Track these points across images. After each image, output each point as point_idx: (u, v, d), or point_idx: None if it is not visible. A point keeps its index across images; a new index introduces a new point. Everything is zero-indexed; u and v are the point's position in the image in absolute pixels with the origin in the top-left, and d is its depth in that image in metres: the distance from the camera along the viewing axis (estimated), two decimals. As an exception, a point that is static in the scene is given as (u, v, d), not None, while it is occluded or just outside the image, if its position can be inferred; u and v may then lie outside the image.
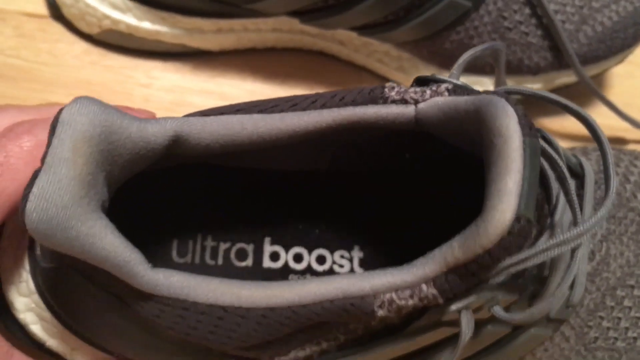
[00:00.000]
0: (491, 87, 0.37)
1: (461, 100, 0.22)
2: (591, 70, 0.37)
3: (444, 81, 0.23)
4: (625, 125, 0.39)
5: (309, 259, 0.29)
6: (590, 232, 0.21)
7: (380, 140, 0.27)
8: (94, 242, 0.19)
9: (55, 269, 0.23)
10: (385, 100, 0.23)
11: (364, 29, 0.35)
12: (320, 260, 0.29)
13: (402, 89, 0.23)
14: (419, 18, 0.33)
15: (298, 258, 0.29)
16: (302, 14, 0.34)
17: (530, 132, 0.19)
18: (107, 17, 0.35)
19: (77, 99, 0.20)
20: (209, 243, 0.29)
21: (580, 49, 0.35)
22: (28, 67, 0.36)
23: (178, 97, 0.37)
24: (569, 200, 0.23)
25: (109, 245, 0.20)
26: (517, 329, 0.25)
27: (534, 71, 0.36)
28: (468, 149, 0.23)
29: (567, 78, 0.37)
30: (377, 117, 0.23)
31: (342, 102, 0.23)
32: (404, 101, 0.23)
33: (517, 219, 0.18)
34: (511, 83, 0.37)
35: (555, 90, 0.38)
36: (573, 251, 0.22)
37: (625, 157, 0.31)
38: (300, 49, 0.39)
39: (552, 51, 0.35)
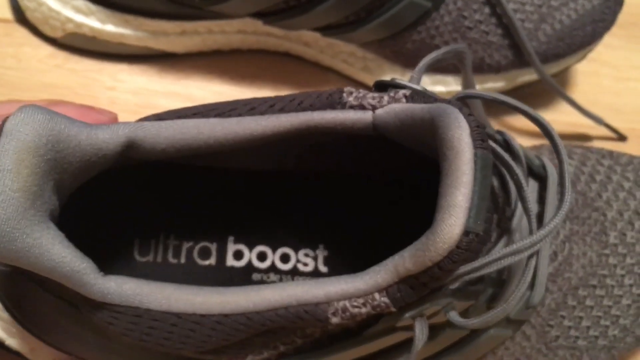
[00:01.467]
0: (456, 87, 0.37)
1: (417, 108, 0.22)
2: (552, 68, 0.37)
3: (403, 87, 0.24)
4: (588, 122, 0.39)
5: (273, 257, 0.30)
6: (544, 240, 0.21)
7: (344, 142, 0.27)
8: (41, 253, 0.19)
9: (11, 272, 0.23)
10: (343, 106, 0.23)
11: (326, 30, 0.35)
12: (284, 258, 0.30)
13: (361, 94, 0.23)
14: (380, 18, 0.34)
15: (262, 257, 0.29)
16: (264, 16, 0.34)
17: (482, 144, 0.19)
18: (70, 20, 0.35)
19: (22, 108, 0.19)
20: (172, 242, 0.29)
21: (539, 47, 0.36)
22: (-7, 71, 0.37)
23: (144, 100, 0.37)
24: (525, 208, 0.23)
25: (57, 255, 0.20)
26: (476, 330, 0.25)
27: (496, 69, 0.37)
28: (427, 154, 0.23)
29: (529, 76, 0.38)
30: (335, 122, 0.23)
31: (300, 107, 0.23)
32: (361, 107, 0.23)
33: (466, 233, 0.19)
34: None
35: (518, 89, 0.39)
36: (529, 258, 0.23)
37: (593, 155, 0.32)
38: (266, 50, 0.40)
39: (512, 49, 0.36)
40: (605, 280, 0.28)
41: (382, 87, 0.24)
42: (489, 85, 0.38)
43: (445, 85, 0.38)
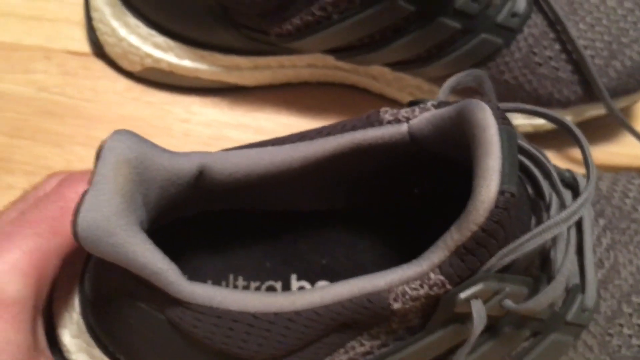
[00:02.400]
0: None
1: (445, 109, 0.24)
2: (621, 103, 0.37)
3: (430, 100, 0.26)
4: (654, 155, 0.39)
5: None
6: (579, 213, 0.23)
7: (388, 174, 0.29)
8: (135, 250, 0.21)
9: (100, 299, 0.25)
10: (381, 123, 0.26)
11: (397, 65, 0.36)
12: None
13: (395, 111, 0.26)
14: (451, 55, 0.34)
15: None
16: (337, 52, 0.35)
17: (504, 121, 0.22)
18: (149, 55, 0.37)
19: (117, 131, 0.23)
20: (241, 282, 0.30)
21: (609, 83, 0.36)
22: (72, 104, 0.38)
23: (216, 132, 0.38)
24: (556, 192, 0.26)
25: (148, 253, 0.22)
26: (537, 335, 0.26)
27: (564, 104, 0.37)
28: (457, 156, 0.25)
29: (596, 111, 0.38)
30: (376, 137, 0.25)
31: (344, 129, 0.26)
32: (397, 120, 0.26)
33: (502, 192, 0.21)
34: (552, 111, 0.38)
35: (584, 122, 0.39)
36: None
37: (622, 177, 0.33)
38: (333, 83, 0.40)
39: (582, 85, 0.36)
40: None
41: (414, 104, 0.27)
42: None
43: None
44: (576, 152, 0.41)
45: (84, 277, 0.27)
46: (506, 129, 0.22)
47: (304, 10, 0.32)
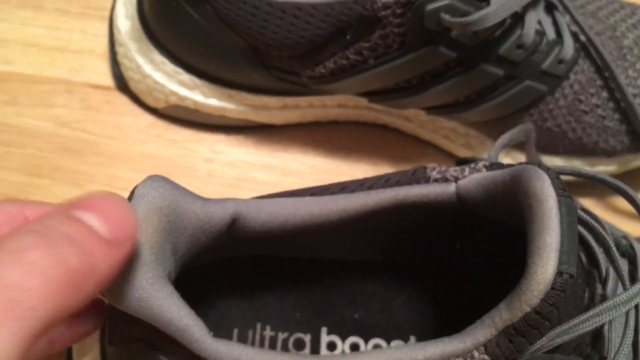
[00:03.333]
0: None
1: (497, 173, 0.23)
2: (669, 154, 0.35)
3: (481, 160, 0.25)
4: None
5: (366, 348, 0.29)
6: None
7: (429, 228, 0.28)
8: (160, 304, 0.20)
9: (122, 349, 0.24)
10: (427, 180, 0.25)
11: (433, 109, 0.34)
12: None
13: (443, 169, 0.25)
14: (492, 101, 0.33)
15: (355, 348, 0.29)
16: (371, 95, 0.34)
17: (564, 193, 0.20)
18: (174, 93, 0.35)
19: (150, 177, 0.22)
20: (268, 333, 0.29)
21: (659, 133, 0.34)
22: (94, 140, 0.36)
23: (241, 173, 0.37)
24: (615, 268, 0.24)
25: (174, 309, 0.21)
26: None
27: (609, 154, 0.35)
28: (507, 221, 0.24)
29: (643, 160, 0.36)
30: (420, 195, 0.24)
31: (387, 184, 0.25)
32: (445, 179, 0.24)
33: (559, 273, 0.19)
34: (584, 164, 0.36)
35: (629, 172, 0.37)
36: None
37: None
38: (364, 123, 0.39)
39: (629, 135, 0.34)
40: None
41: (462, 163, 0.26)
42: (600, 169, 0.36)
43: (514, 161, 0.36)
44: (618, 201, 0.38)
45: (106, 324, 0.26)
46: (566, 202, 0.20)
47: (338, 53, 0.31)
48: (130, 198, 0.21)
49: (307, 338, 0.29)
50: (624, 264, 0.26)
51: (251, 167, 0.37)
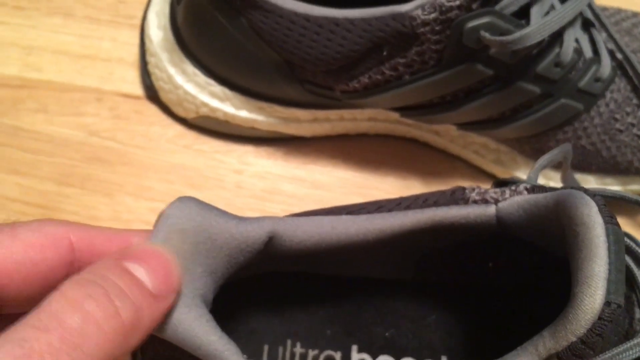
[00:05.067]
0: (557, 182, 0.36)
1: (540, 196, 0.22)
2: None
3: (522, 182, 0.24)
4: None
5: None
6: None
7: (463, 248, 0.27)
8: (187, 328, 0.20)
9: None
10: (466, 201, 0.24)
11: (465, 125, 0.34)
12: (408, 369, 0.29)
13: (483, 190, 0.24)
14: (527, 119, 0.32)
15: None
16: (404, 110, 0.33)
17: (612, 220, 0.20)
18: (205, 105, 0.35)
19: (179, 198, 0.22)
20: (298, 350, 0.29)
21: (695, 153, 0.33)
22: (123, 150, 0.36)
23: (270, 185, 0.37)
24: None
25: (203, 333, 0.20)
26: None
27: (644, 173, 0.34)
28: (548, 246, 0.24)
29: (677, 180, 0.35)
30: (459, 217, 0.24)
31: (425, 204, 0.25)
32: (484, 201, 0.24)
33: (607, 303, 0.19)
34: (616, 182, 0.35)
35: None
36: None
37: None
38: (393, 136, 0.38)
39: (664, 154, 0.34)
40: None
41: (501, 184, 0.25)
42: (633, 187, 0.35)
43: (547, 179, 0.36)
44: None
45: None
46: (613, 230, 0.20)
47: (374, 69, 0.30)
48: (158, 219, 0.21)
49: (338, 356, 0.29)
50: None
51: (280, 180, 0.37)
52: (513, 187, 0.24)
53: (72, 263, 0.20)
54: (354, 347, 0.29)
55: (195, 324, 0.20)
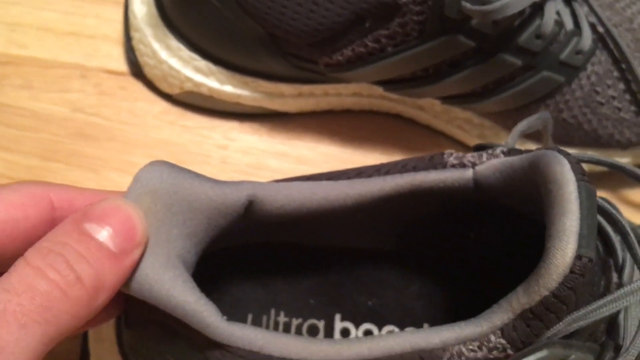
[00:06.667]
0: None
1: (516, 158, 0.23)
2: (685, 146, 0.35)
3: (499, 146, 0.25)
4: None
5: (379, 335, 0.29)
6: None
7: (444, 218, 0.27)
8: (163, 287, 0.20)
9: (138, 332, 0.24)
10: (444, 166, 0.24)
11: (449, 99, 0.34)
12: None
13: (461, 155, 0.24)
14: (509, 91, 0.33)
15: (368, 334, 0.29)
16: (387, 84, 0.33)
17: (584, 178, 0.20)
18: (189, 79, 0.35)
19: (152, 162, 0.22)
20: (282, 319, 0.29)
21: (675, 125, 0.34)
22: (109, 126, 0.37)
23: (254, 160, 0.37)
24: (633, 255, 0.24)
25: (179, 293, 0.21)
26: None
27: (624, 146, 0.35)
28: (524, 208, 0.24)
29: (658, 153, 0.36)
30: (437, 181, 0.24)
31: (404, 169, 0.25)
32: (462, 165, 0.24)
33: (579, 257, 0.19)
34: (599, 156, 0.36)
35: (642, 164, 0.37)
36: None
37: None
38: (377, 112, 0.39)
39: (645, 127, 0.34)
40: None
41: (480, 149, 0.25)
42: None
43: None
44: (631, 194, 0.38)
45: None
46: (586, 186, 0.20)
47: (356, 41, 0.30)
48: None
49: (321, 324, 0.29)
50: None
51: (265, 155, 0.37)
52: (490, 151, 0.24)
53: (53, 221, 0.20)
54: (337, 316, 0.29)
55: (171, 284, 0.20)
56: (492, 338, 0.21)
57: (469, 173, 0.24)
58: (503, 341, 0.20)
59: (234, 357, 0.22)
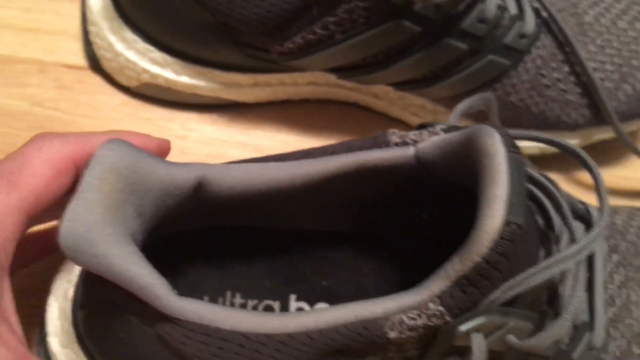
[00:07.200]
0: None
1: (454, 134, 0.24)
2: (630, 127, 0.36)
3: (440, 124, 0.26)
4: (663, 179, 0.38)
5: None
6: (588, 248, 0.23)
7: (397, 199, 0.28)
8: (120, 262, 0.21)
9: (91, 310, 0.25)
10: (388, 144, 0.25)
11: (401, 85, 0.35)
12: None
13: (403, 133, 0.25)
14: (457, 76, 0.34)
15: None
16: (339, 71, 0.34)
17: (514, 149, 0.22)
18: (146, 71, 0.36)
19: (110, 140, 0.23)
20: (238, 300, 0.30)
21: (619, 106, 0.35)
22: (68, 119, 0.37)
23: (213, 150, 0.37)
24: (566, 225, 0.25)
25: (134, 267, 0.21)
26: None
27: (572, 127, 0.36)
28: (465, 182, 0.25)
29: (604, 134, 0.37)
30: (381, 159, 0.25)
31: (349, 149, 0.26)
32: (404, 143, 0.25)
33: (507, 223, 0.20)
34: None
35: (593, 145, 0.38)
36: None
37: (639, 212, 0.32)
38: (335, 101, 0.39)
39: (590, 108, 0.35)
40: None
41: (423, 127, 0.26)
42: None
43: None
44: (583, 176, 0.40)
45: (77, 286, 0.27)
46: (515, 157, 0.21)
47: (305, 29, 0.31)
48: (88, 161, 0.22)
49: (276, 304, 0.30)
50: (579, 227, 0.27)
51: (224, 145, 0.38)
52: (430, 129, 0.25)
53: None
54: (293, 296, 0.30)
55: (127, 260, 0.21)
56: (431, 306, 0.21)
57: (410, 150, 0.25)
58: (441, 308, 0.21)
59: (183, 331, 0.22)
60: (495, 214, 0.20)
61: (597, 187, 0.25)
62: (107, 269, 0.21)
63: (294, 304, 0.30)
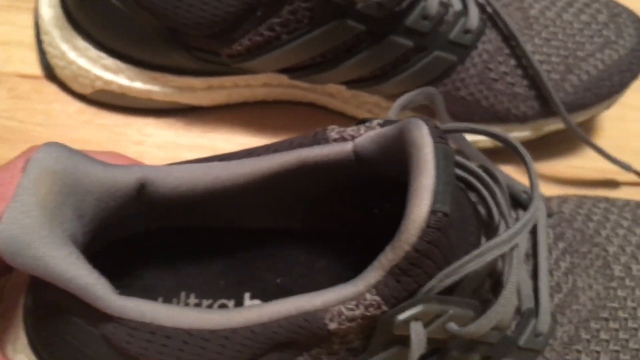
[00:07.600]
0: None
1: (389, 128, 0.24)
2: (579, 117, 0.37)
3: (377, 119, 0.26)
4: (616, 167, 0.39)
5: None
6: (521, 234, 0.23)
7: (346, 195, 0.29)
8: (57, 263, 0.21)
9: (39, 314, 0.25)
10: (327, 141, 0.26)
11: (352, 83, 0.36)
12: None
13: (342, 129, 0.26)
14: (406, 72, 0.34)
15: None
16: (290, 71, 0.35)
17: (441, 140, 0.22)
18: (99, 78, 0.36)
19: (46, 143, 0.23)
20: (192, 300, 0.30)
21: (566, 97, 0.36)
22: (24, 128, 0.37)
23: (171, 154, 0.38)
24: (501, 212, 0.26)
25: (73, 268, 0.21)
26: (488, 359, 0.26)
27: (522, 120, 0.36)
28: (402, 176, 0.25)
29: (555, 125, 0.37)
30: (321, 155, 0.25)
31: (291, 146, 0.26)
32: (343, 139, 0.25)
33: (433, 212, 0.20)
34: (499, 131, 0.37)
35: (544, 137, 0.38)
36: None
37: (588, 200, 0.32)
38: (292, 102, 0.40)
39: (538, 100, 0.36)
40: (617, 313, 0.28)
41: (362, 122, 0.27)
42: (515, 135, 0.37)
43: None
44: (541, 167, 0.40)
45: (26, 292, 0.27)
46: (442, 148, 0.22)
47: (252, 30, 0.32)
48: (24, 165, 0.22)
49: (231, 303, 0.30)
50: (522, 215, 0.28)
51: (181, 148, 0.38)
52: (368, 123, 0.25)
53: None
54: (247, 295, 0.30)
55: (65, 261, 0.21)
56: (368, 296, 0.22)
57: (349, 146, 0.25)
58: (377, 298, 0.22)
59: (127, 330, 0.22)
60: (421, 202, 0.21)
61: (529, 174, 0.25)
62: (44, 271, 0.21)
63: (248, 302, 0.30)
